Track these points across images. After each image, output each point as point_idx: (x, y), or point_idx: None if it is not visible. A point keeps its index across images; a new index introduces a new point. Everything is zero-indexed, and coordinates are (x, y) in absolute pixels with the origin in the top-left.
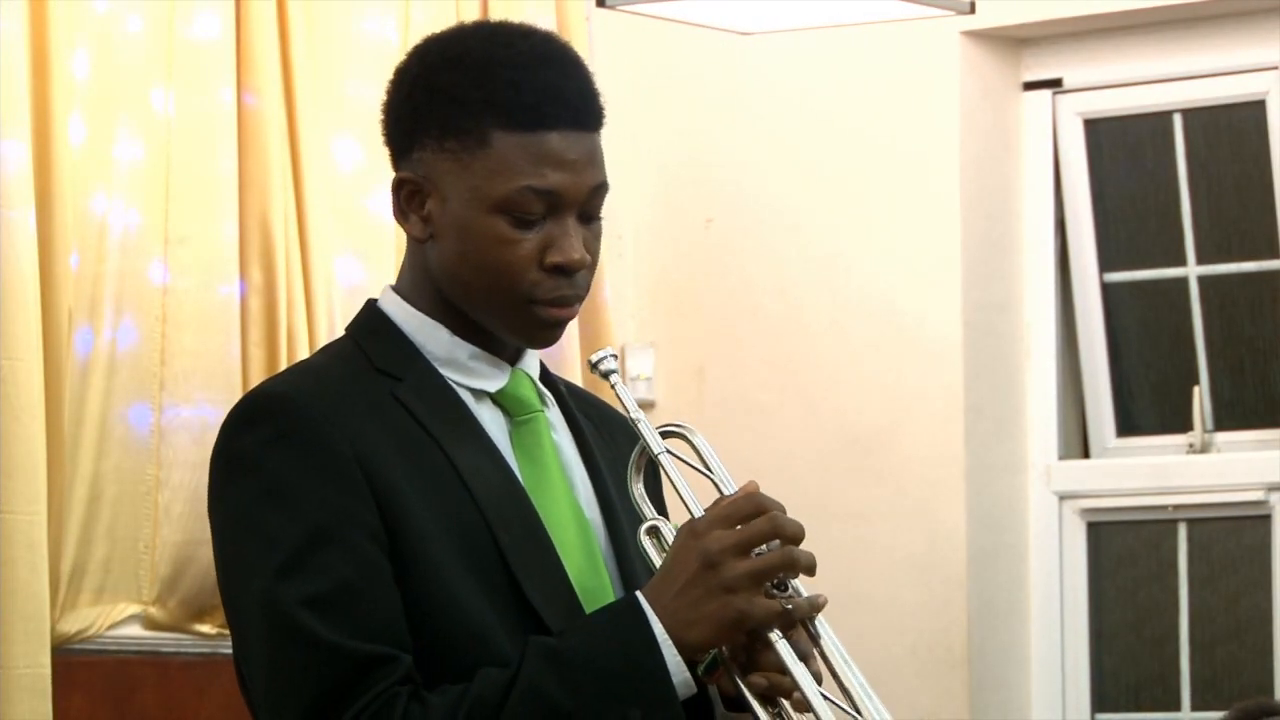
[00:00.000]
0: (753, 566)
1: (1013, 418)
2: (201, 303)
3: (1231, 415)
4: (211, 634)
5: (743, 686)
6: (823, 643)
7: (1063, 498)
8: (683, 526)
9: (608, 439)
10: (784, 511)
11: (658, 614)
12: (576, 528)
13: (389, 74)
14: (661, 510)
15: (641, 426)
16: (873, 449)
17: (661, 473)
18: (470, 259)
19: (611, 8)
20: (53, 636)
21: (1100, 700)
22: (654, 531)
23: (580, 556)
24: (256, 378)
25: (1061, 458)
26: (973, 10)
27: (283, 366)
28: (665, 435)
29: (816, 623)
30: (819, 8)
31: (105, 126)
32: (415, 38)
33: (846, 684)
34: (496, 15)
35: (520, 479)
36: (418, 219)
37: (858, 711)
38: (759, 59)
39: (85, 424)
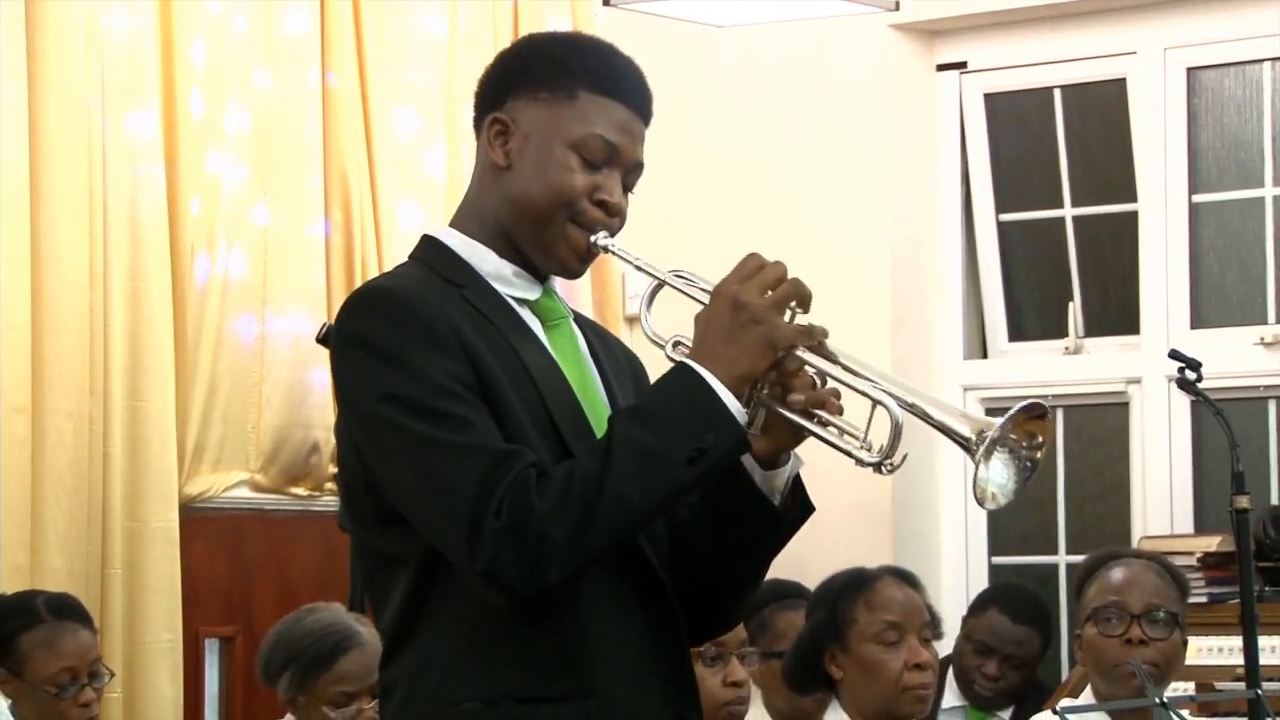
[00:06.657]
0: (773, 298)
1: (927, 327)
2: (294, 239)
3: (1099, 325)
4: (304, 495)
5: (784, 411)
6: (839, 358)
7: (966, 389)
8: (704, 308)
9: (602, 344)
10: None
11: (703, 364)
12: (602, 404)
13: (440, 61)
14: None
15: (645, 267)
16: None
17: (674, 290)
18: (540, 180)
19: (614, 6)
20: (180, 498)
21: (995, 547)
22: (678, 344)
23: (602, 425)
24: (338, 298)
25: (965, 358)
26: (897, 8)
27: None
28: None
29: (828, 345)
30: (776, 6)
31: (218, 101)
32: (461, 33)
33: (866, 375)
34: (524, 15)
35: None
36: (501, 152)
37: (885, 392)
38: (729, 46)
39: (204, 334)
